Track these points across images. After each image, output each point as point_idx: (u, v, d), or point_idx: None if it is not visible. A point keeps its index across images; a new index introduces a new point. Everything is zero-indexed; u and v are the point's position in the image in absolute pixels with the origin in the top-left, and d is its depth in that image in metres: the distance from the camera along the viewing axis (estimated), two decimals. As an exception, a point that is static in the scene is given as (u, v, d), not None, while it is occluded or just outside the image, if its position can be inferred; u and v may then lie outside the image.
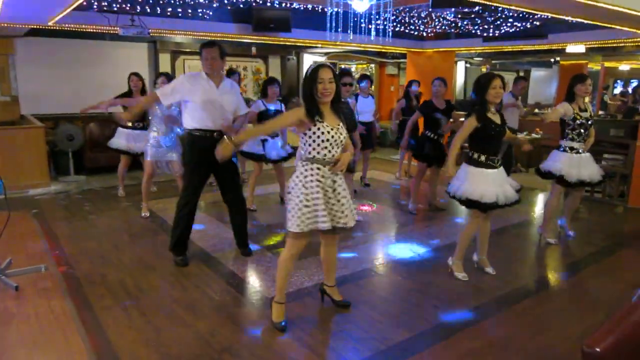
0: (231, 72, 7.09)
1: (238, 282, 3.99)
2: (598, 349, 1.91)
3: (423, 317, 3.44)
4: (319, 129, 2.96)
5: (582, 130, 4.67)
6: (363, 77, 7.16)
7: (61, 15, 5.23)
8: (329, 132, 2.97)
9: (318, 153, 3.00)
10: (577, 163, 4.69)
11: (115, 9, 5.91)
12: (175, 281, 3.97)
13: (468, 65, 13.15)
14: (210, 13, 6.65)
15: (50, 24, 5.80)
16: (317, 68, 2.97)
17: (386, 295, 3.86)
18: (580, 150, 4.72)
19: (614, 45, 7.77)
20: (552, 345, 3.12)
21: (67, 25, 6.00)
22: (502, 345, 3.12)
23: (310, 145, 3.01)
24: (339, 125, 3.05)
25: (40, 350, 2.89)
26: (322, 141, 2.97)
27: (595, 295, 3.93)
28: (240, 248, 4.56)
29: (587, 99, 4.88)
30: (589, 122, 4.70)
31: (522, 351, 3.05)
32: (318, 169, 3.01)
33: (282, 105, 5.93)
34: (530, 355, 3.01)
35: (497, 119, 3.87)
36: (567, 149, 4.74)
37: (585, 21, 5.51)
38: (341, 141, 3.05)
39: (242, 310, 3.55)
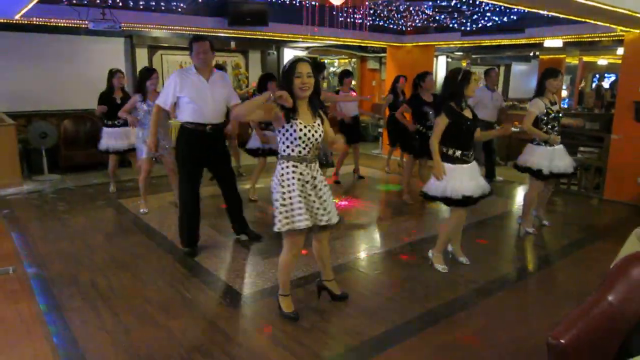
0: (219, 68, 7.02)
1: (213, 280, 3.94)
2: (562, 341, 1.92)
3: (398, 311, 3.43)
4: (291, 126, 2.93)
5: (554, 124, 4.74)
6: (345, 73, 7.12)
7: (27, 8, 5.07)
8: (301, 130, 2.92)
9: (292, 150, 2.97)
10: (551, 156, 4.75)
11: (86, 2, 5.77)
12: (149, 280, 3.91)
13: (449, 60, 13.18)
14: (184, 6, 6.53)
15: (17, 17, 5.64)
16: (295, 62, 2.92)
17: (362, 290, 3.84)
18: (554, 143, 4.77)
19: (590, 39, 7.83)
20: (525, 337, 3.14)
21: (36, 19, 5.84)
22: (475, 338, 3.13)
23: (284, 142, 2.99)
24: (314, 122, 3.00)
25: (4, 355, 2.82)
26: (295, 139, 2.93)
27: (569, 287, 3.97)
28: (244, 234, 4.71)
29: (564, 93, 4.97)
30: (560, 115, 4.80)
31: (494, 344, 3.06)
32: (294, 166, 2.97)
33: None
34: (503, 348, 3.02)
35: (468, 113, 3.90)
36: (542, 142, 4.78)
37: (562, 15, 5.54)
38: (316, 139, 2.99)
39: (215, 308, 3.50)
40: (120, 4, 6.04)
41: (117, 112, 6.09)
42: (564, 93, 12.84)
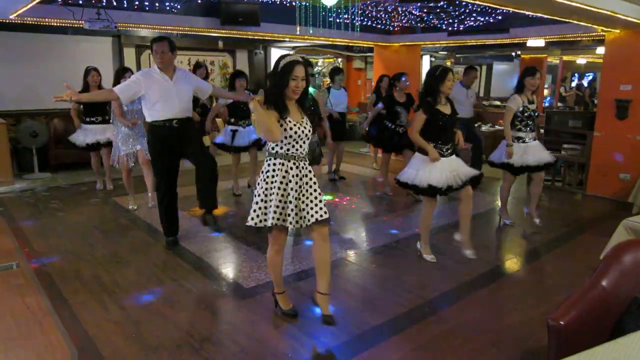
0: (198, 66, 7.13)
1: (215, 274, 4.02)
2: (562, 322, 2.07)
3: (396, 302, 3.56)
4: (281, 125, 2.90)
5: (529, 122, 4.95)
6: (336, 70, 7.25)
7: (25, 9, 5.08)
8: (292, 129, 2.92)
9: (281, 148, 2.96)
10: (522, 151, 4.97)
11: (81, 2, 5.78)
12: (152, 275, 3.97)
13: (433, 59, 13.40)
14: (178, 7, 6.57)
15: (12, 17, 5.63)
16: (292, 64, 2.85)
17: (361, 283, 3.97)
18: (526, 140, 4.98)
19: (572, 39, 8.08)
20: (518, 324, 3.29)
21: (29, 18, 5.83)
22: (471, 326, 3.28)
23: (280, 140, 2.96)
24: (302, 119, 3.02)
25: (19, 346, 2.87)
26: (286, 137, 2.93)
27: (557, 277, 4.15)
28: (205, 211, 4.50)
29: (545, 92, 5.17)
30: (536, 114, 5.01)
31: (490, 331, 3.21)
32: (281, 163, 2.97)
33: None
34: (497, 335, 3.17)
35: (446, 109, 4.11)
36: (515, 139, 4.98)
37: (545, 16, 5.74)
38: (306, 135, 3.00)
39: (220, 301, 3.59)
40: (115, 4, 6.07)
41: (95, 110, 6.28)
42: (545, 92, 13.16)
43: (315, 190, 3.06)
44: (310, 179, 3.07)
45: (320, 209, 3.03)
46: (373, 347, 2.99)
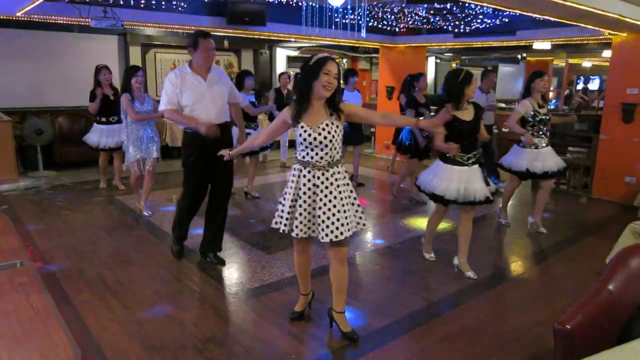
0: None
1: (218, 274, 4.02)
2: (568, 327, 2.05)
3: (401, 304, 3.55)
4: (296, 130, 2.82)
5: (541, 126, 4.84)
6: (351, 72, 7.14)
7: (31, 6, 5.10)
8: (301, 135, 2.78)
9: (299, 154, 2.88)
10: (535, 157, 4.87)
11: (87, 0, 5.80)
12: (155, 274, 3.97)
13: (438, 60, 13.37)
14: (185, 5, 6.59)
15: (18, 14, 5.65)
16: (325, 59, 2.72)
17: (365, 284, 3.95)
18: (539, 145, 4.87)
19: (578, 42, 8.05)
20: (523, 328, 3.27)
21: (36, 16, 5.85)
22: (476, 329, 3.26)
23: (298, 145, 2.88)
24: (322, 124, 2.76)
25: (22, 345, 2.87)
26: (301, 142, 2.81)
27: (562, 281, 4.12)
28: (212, 253, 4.20)
29: (551, 95, 5.13)
30: (547, 118, 4.89)
31: (495, 334, 3.19)
32: (300, 170, 2.87)
33: (254, 96, 6.27)
34: (502, 338, 3.15)
35: (466, 115, 3.80)
36: (529, 145, 4.85)
37: (552, 19, 5.71)
38: (321, 142, 2.76)
39: (224, 301, 3.58)
40: (121, 2, 6.08)
41: (111, 109, 6.17)
42: (550, 94, 13.11)
43: (334, 207, 2.81)
44: (331, 192, 2.82)
45: (337, 228, 2.80)
46: (377, 349, 2.97)
